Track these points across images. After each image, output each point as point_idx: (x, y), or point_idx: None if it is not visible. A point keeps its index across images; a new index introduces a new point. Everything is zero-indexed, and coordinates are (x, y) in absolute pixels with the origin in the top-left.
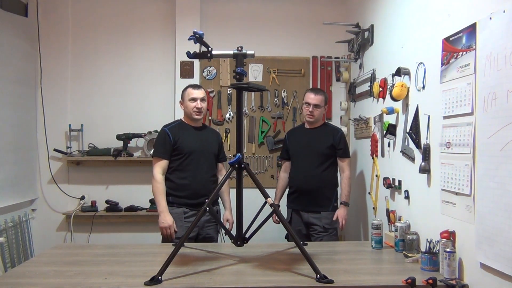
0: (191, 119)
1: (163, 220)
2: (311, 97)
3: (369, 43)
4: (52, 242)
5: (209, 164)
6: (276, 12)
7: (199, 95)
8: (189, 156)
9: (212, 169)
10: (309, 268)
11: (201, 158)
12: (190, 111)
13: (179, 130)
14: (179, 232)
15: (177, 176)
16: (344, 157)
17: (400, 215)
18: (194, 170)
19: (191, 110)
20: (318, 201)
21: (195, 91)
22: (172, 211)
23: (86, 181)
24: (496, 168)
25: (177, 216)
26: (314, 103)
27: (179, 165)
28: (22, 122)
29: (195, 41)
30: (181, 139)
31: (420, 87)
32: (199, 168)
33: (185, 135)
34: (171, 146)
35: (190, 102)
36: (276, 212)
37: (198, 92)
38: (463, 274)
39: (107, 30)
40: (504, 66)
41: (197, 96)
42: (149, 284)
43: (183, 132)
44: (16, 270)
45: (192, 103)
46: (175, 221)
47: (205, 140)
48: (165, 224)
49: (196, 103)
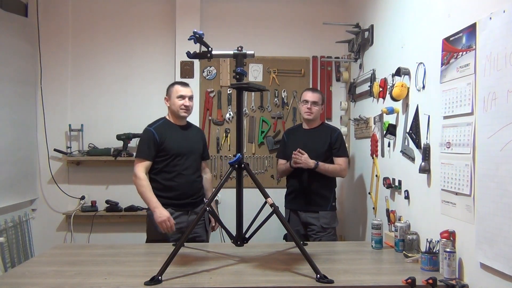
0: (177, 117)
1: (159, 215)
2: (308, 94)
3: (369, 43)
4: (52, 242)
5: (196, 164)
6: (276, 12)
7: (187, 93)
8: (176, 157)
9: (198, 169)
10: (309, 268)
11: (188, 159)
12: (177, 108)
13: (165, 129)
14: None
15: (164, 177)
16: (339, 156)
17: (400, 215)
18: (181, 171)
19: (178, 107)
20: (316, 201)
21: (183, 88)
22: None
23: (86, 181)
24: (496, 168)
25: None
26: (312, 100)
27: (165, 166)
28: (22, 122)
29: (195, 41)
30: (168, 139)
31: (420, 87)
32: (186, 169)
33: (171, 135)
34: (157, 147)
35: (177, 100)
36: (276, 212)
37: (187, 90)
38: (463, 274)
39: (107, 30)
40: (504, 66)
41: (186, 94)
42: (149, 284)
43: (170, 132)
44: (16, 270)
45: (180, 101)
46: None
47: (191, 140)
48: (163, 217)
49: (184, 101)
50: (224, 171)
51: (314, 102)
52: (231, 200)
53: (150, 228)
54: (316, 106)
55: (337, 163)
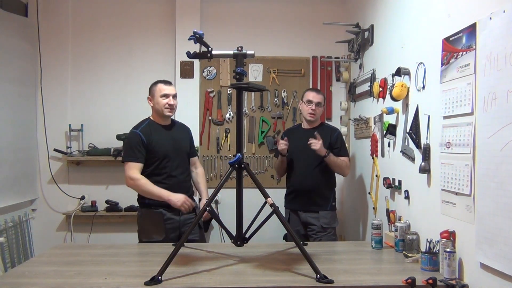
0: (161, 116)
1: (177, 200)
2: (313, 95)
3: (369, 43)
4: (52, 242)
5: (184, 164)
6: (276, 12)
7: (171, 92)
8: (164, 159)
9: (186, 168)
10: (309, 268)
11: (175, 160)
12: (161, 107)
13: (151, 131)
14: (159, 235)
15: (153, 180)
16: (341, 155)
17: (400, 215)
18: (170, 173)
19: (163, 106)
20: (316, 201)
21: (167, 87)
22: (149, 213)
23: (86, 181)
24: (496, 168)
25: (156, 219)
26: (316, 101)
27: (154, 169)
28: (22, 122)
29: (195, 41)
30: (154, 141)
31: (420, 87)
32: (175, 170)
33: (157, 137)
34: (145, 149)
35: (161, 99)
36: (276, 212)
37: (170, 88)
38: (463, 274)
39: (107, 30)
40: (504, 66)
41: (169, 93)
42: (149, 284)
43: (156, 134)
44: (16, 270)
45: (164, 100)
46: (153, 224)
47: (177, 139)
48: (182, 199)
49: (168, 100)
50: (224, 171)
51: (318, 103)
52: (231, 200)
53: (143, 230)
54: (319, 108)
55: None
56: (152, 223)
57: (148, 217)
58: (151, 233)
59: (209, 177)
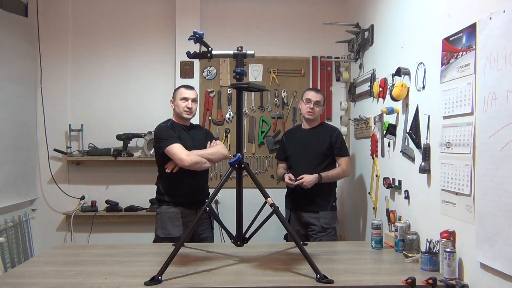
0: (180, 117)
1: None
2: (312, 94)
3: (369, 43)
4: (52, 242)
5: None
6: (276, 12)
7: (190, 95)
8: None
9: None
10: (309, 268)
11: None
12: (180, 110)
13: (175, 129)
14: (176, 231)
15: (173, 177)
16: (341, 155)
17: (400, 215)
18: (190, 170)
19: (182, 109)
20: (316, 201)
21: (187, 91)
22: (168, 210)
23: (86, 181)
24: (496, 168)
25: (174, 216)
26: (315, 99)
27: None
28: (22, 122)
29: (195, 41)
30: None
31: (420, 87)
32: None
33: (180, 134)
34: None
35: (181, 102)
36: (276, 212)
37: (190, 92)
38: (463, 274)
39: (107, 30)
40: (504, 66)
41: (189, 96)
42: (149, 284)
43: (178, 132)
44: (16, 270)
45: (183, 103)
46: (171, 221)
47: (196, 139)
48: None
49: (187, 103)
50: (224, 171)
51: (316, 102)
52: (231, 200)
53: (161, 225)
54: (318, 107)
55: (340, 163)
56: (170, 219)
57: (166, 214)
58: (168, 229)
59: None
